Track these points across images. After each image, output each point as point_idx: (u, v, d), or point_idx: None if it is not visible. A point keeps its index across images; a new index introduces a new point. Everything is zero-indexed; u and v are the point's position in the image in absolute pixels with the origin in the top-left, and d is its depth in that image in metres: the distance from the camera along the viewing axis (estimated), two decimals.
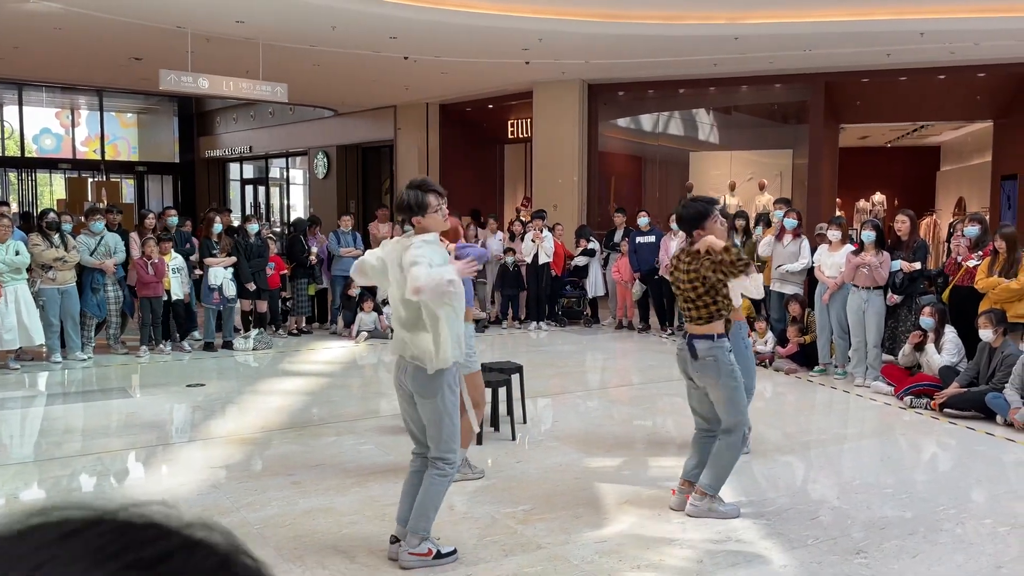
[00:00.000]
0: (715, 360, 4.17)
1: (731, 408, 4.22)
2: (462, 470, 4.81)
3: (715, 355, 4.16)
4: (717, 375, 4.18)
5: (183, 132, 24.88)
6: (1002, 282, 6.87)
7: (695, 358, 4.21)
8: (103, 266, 8.72)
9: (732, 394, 4.21)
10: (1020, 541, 4.10)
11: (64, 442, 5.74)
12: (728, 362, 4.19)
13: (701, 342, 4.20)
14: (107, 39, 11.29)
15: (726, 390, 4.20)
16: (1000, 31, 10.48)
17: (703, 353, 4.18)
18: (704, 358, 4.18)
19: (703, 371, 4.22)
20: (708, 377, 4.22)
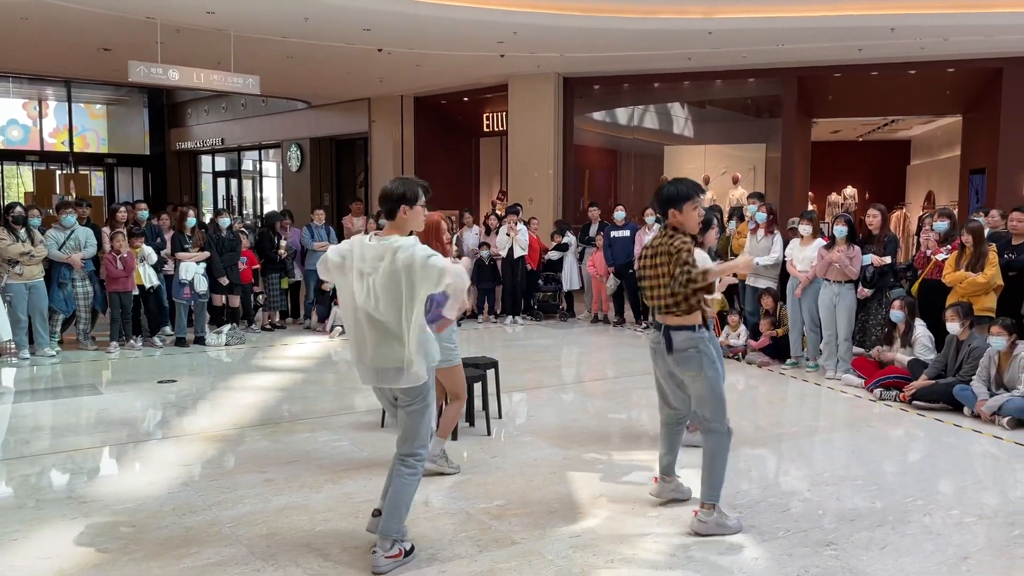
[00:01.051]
0: (697, 351, 4.00)
1: (713, 402, 4.05)
2: (438, 463, 4.88)
3: (696, 346, 4.00)
4: (700, 367, 4.01)
5: (153, 124, 24.56)
6: (969, 276, 6.97)
7: (670, 351, 4.05)
8: (70, 260, 8.60)
9: (715, 386, 4.05)
10: (986, 531, 4.17)
11: (32, 440, 5.66)
12: (710, 353, 4.03)
13: (679, 333, 4.02)
14: (75, 29, 11.11)
15: (709, 382, 4.03)
16: (969, 27, 10.64)
17: (682, 345, 4.02)
18: (684, 350, 4.02)
19: (684, 364, 4.05)
20: (690, 370, 4.06)
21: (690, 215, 4.10)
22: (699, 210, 4.17)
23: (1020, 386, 6.08)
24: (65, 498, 4.56)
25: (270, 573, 3.61)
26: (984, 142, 13.04)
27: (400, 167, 17.19)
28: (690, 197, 4.09)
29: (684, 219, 4.10)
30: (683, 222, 4.08)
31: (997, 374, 6.28)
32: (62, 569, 3.65)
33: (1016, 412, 5.98)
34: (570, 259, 11.48)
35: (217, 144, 22.99)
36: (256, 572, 3.62)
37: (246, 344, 9.44)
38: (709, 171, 15.25)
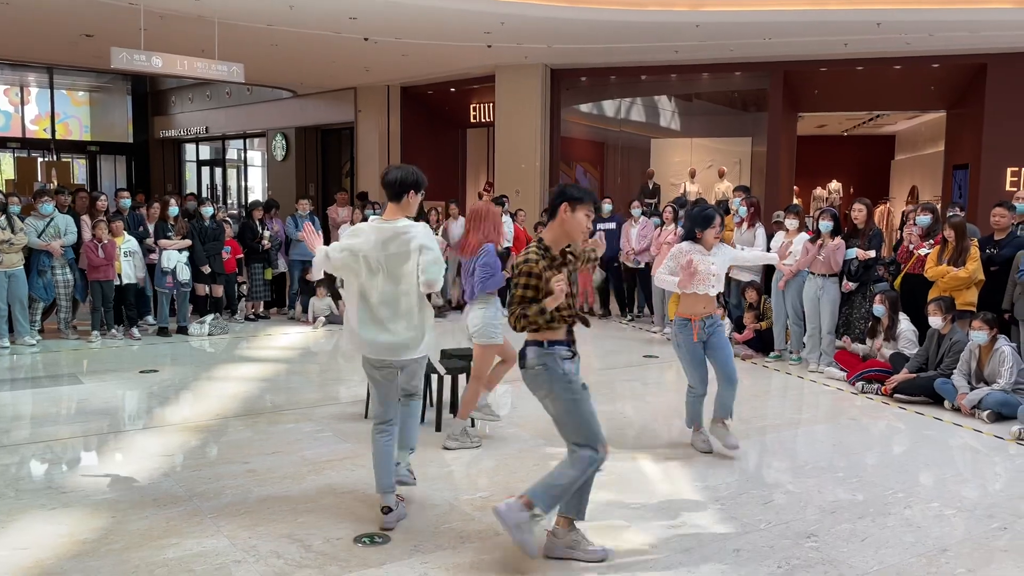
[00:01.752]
0: (545, 369, 3.60)
1: (571, 423, 3.63)
2: (459, 439, 5.26)
3: (544, 363, 3.61)
4: (549, 387, 3.62)
5: (137, 111, 24.33)
6: (951, 270, 7.02)
7: (523, 367, 3.68)
8: (49, 248, 8.51)
9: (571, 407, 3.62)
10: (966, 524, 4.21)
11: (12, 429, 5.60)
12: (562, 372, 3.60)
13: (530, 349, 3.65)
14: (57, 15, 10.97)
15: (562, 403, 3.62)
16: (954, 22, 10.69)
17: (530, 363, 3.63)
18: (531, 368, 3.63)
19: (531, 383, 3.68)
20: (538, 390, 3.68)
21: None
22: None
23: (1000, 380, 6.14)
24: (45, 488, 4.52)
25: (252, 564, 3.60)
26: (968, 138, 13.13)
27: (386, 157, 17.11)
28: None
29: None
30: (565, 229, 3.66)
31: (978, 368, 6.34)
32: (41, 560, 3.62)
33: (996, 406, 6.04)
34: None
35: (201, 133, 22.80)
36: (237, 563, 3.60)
37: (229, 334, 9.38)
38: (695, 164, 15.28)
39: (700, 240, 5.14)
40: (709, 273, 5.07)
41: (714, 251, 5.16)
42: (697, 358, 5.20)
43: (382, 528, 3.95)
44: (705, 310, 5.13)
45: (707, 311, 5.14)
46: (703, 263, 5.06)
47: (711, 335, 5.16)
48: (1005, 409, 6.01)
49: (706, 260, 5.09)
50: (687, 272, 4.95)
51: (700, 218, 5.17)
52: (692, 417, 5.38)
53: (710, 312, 5.16)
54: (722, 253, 5.23)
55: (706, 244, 5.14)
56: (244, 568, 3.56)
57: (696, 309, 5.11)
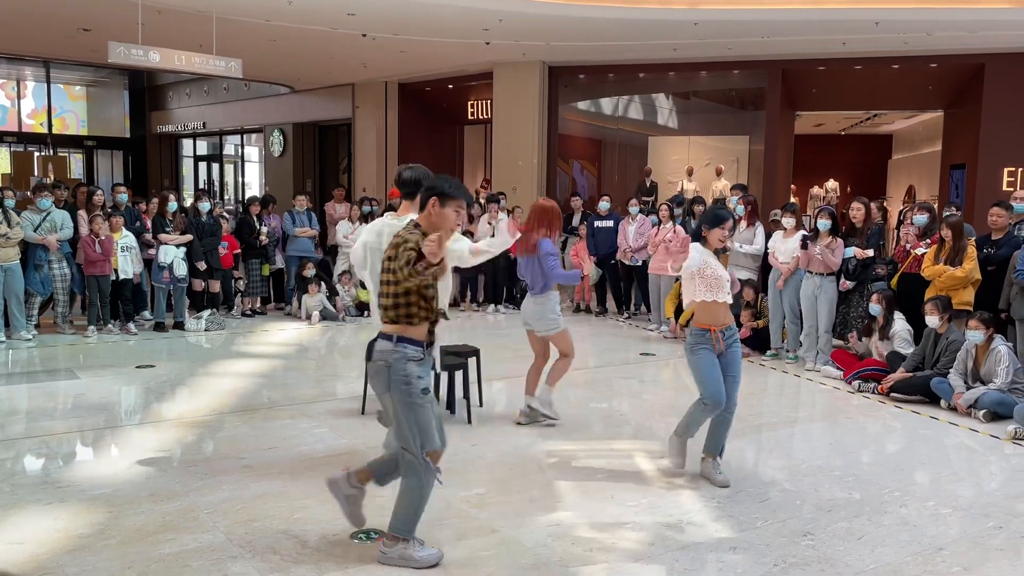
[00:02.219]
0: (387, 366, 3.43)
1: (403, 430, 3.47)
2: (548, 410, 5.72)
3: (387, 360, 3.43)
4: (385, 386, 3.46)
5: (134, 106, 24.27)
6: (947, 270, 7.03)
7: (368, 358, 3.52)
8: (46, 242, 8.48)
9: (406, 412, 3.45)
10: (961, 523, 4.22)
11: (7, 424, 5.59)
12: (403, 372, 3.41)
13: (380, 342, 3.48)
14: (54, 8, 10.94)
15: (397, 405, 3.46)
16: (952, 22, 10.70)
17: (376, 356, 3.47)
18: (376, 361, 3.46)
19: (373, 378, 3.51)
20: (376, 386, 3.51)
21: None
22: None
23: (996, 380, 6.15)
24: (40, 483, 4.51)
25: (248, 560, 3.59)
26: (965, 137, 13.14)
27: (384, 154, 17.10)
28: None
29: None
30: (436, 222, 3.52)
31: (974, 367, 6.35)
32: (37, 555, 3.61)
33: (992, 405, 6.05)
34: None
35: (199, 128, 22.76)
36: (234, 559, 3.60)
37: (226, 330, 9.37)
38: (693, 162, 15.29)
39: (705, 239, 4.75)
40: (723, 278, 4.68)
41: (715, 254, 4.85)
42: (713, 368, 4.63)
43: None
44: (724, 320, 4.68)
45: (727, 321, 4.70)
46: (718, 267, 4.69)
47: (728, 348, 4.70)
48: (1001, 408, 6.02)
49: (717, 265, 4.72)
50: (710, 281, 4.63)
51: (711, 215, 4.83)
52: (688, 427, 4.77)
53: (729, 323, 4.73)
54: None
55: (710, 244, 4.76)
56: (240, 564, 3.55)
57: (717, 319, 4.64)
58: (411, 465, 3.50)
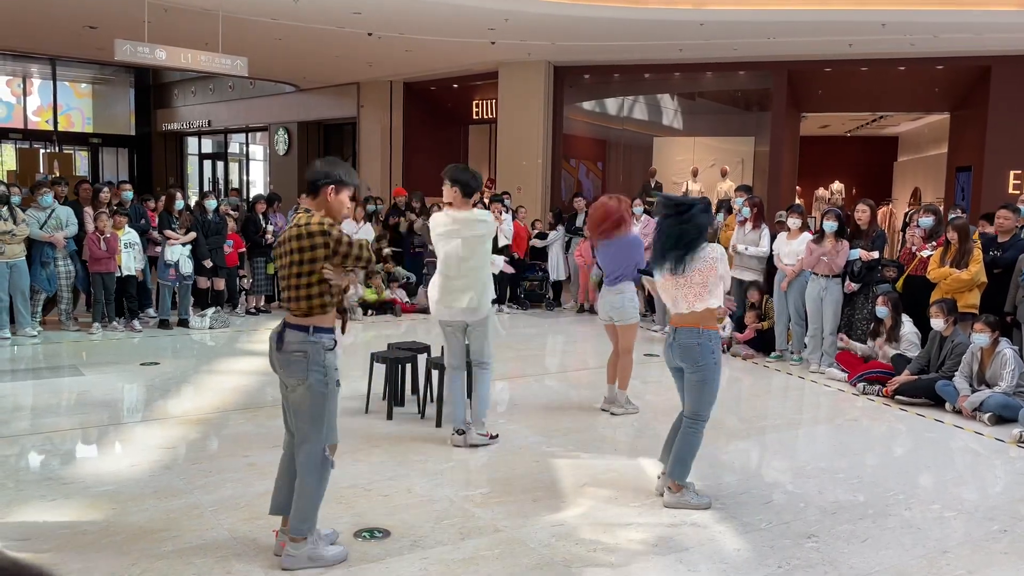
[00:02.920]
0: (304, 356, 3.41)
1: (310, 419, 3.43)
2: (627, 408, 6.06)
3: (305, 350, 3.41)
4: (304, 373, 3.41)
5: (139, 104, 24.33)
6: (953, 272, 7.01)
7: (279, 348, 3.46)
8: (52, 240, 8.50)
9: (318, 400, 3.42)
10: (965, 526, 4.21)
11: (12, 420, 5.60)
12: (322, 363, 3.42)
13: (292, 332, 3.45)
14: (61, 6, 10.97)
15: (310, 395, 3.41)
16: (959, 24, 10.67)
17: (290, 346, 3.43)
18: (290, 352, 3.43)
19: (287, 368, 3.45)
20: (291, 376, 3.45)
21: (335, 202, 3.64)
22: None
23: (1002, 383, 6.13)
24: (45, 479, 4.51)
25: (251, 557, 3.59)
26: (971, 140, 13.11)
27: (388, 153, 17.11)
28: (347, 184, 3.67)
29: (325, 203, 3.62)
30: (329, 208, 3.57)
31: (979, 370, 6.33)
32: (41, 551, 3.61)
33: (997, 408, 6.03)
34: (557, 249, 11.47)
35: (204, 126, 22.79)
36: (237, 556, 3.60)
37: (230, 327, 9.38)
38: (697, 163, 15.26)
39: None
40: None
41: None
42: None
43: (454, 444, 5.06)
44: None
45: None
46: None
47: None
48: (1006, 412, 6.00)
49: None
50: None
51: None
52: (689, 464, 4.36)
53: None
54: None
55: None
56: (244, 562, 3.56)
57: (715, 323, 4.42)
58: (308, 462, 3.46)
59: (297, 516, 3.49)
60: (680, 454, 4.33)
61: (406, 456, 5.00)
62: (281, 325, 3.52)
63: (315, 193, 3.59)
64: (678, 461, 4.32)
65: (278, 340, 3.48)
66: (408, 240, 11.66)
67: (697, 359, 4.24)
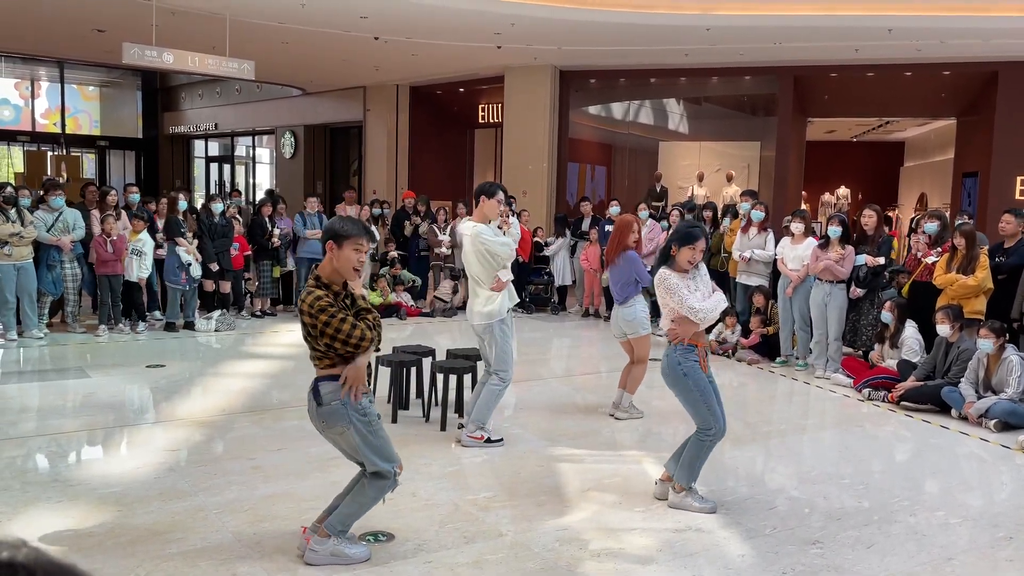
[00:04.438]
0: (343, 404, 3.51)
1: (372, 453, 3.56)
2: (631, 412, 6.14)
3: (340, 399, 3.52)
4: (348, 421, 3.52)
5: (147, 107, 24.41)
6: (959, 278, 6.99)
7: (319, 404, 3.54)
8: (59, 243, 8.53)
9: (371, 439, 3.55)
10: (970, 533, 4.20)
11: (19, 421, 5.62)
12: (360, 406, 3.54)
13: (325, 384, 3.54)
14: (69, 9, 11.02)
15: (359, 436, 3.53)
16: (965, 30, 10.65)
17: (327, 398, 3.52)
18: (329, 403, 3.52)
19: (329, 419, 3.55)
20: (335, 425, 3.56)
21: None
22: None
23: (1008, 389, 6.11)
24: (51, 481, 4.53)
25: (256, 560, 3.60)
26: (977, 145, 13.08)
27: (394, 156, 17.14)
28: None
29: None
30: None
31: (985, 377, 6.31)
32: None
33: (1003, 415, 6.01)
34: (563, 253, 11.47)
35: (211, 129, 22.86)
36: (242, 559, 3.61)
37: (236, 330, 9.40)
38: (703, 168, 15.26)
39: (673, 258, 4.30)
40: (706, 293, 4.36)
41: (692, 274, 4.34)
42: (709, 391, 4.28)
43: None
44: (704, 338, 4.42)
45: (706, 340, 4.46)
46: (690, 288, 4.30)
47: (709, 367, 4.39)
48: (1012, 418, 5.99)
49: (692, 286, 4.31)
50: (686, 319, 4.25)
51: (683, 234, 4.30)
52: (695, 473, 4.36)
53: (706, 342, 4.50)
54: (702, 274, 4.43)
55: (679, 265, 4.29)
56: (248, 564, 3.56)
57: (699, 336, 4.32)
58: (377, 483, 3.61)
59: (339, 517, 3.61)
60: (686, 460, 4.36)
61: (410, 460, 5.00)
62: (314, 383, 3.59)
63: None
64: (683, 466, 4.36)
65: (315, 395, 3.56)
66: (414, 244, 11.68)
67: (666, 376, 4.36)
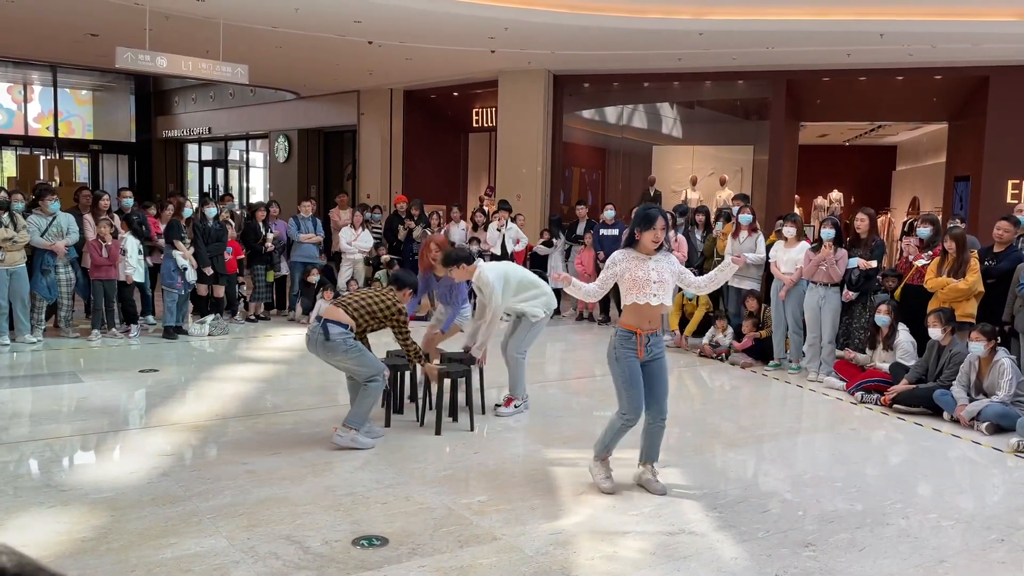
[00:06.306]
0: (343, 340, 5.16)
1: (365, 368, 5.25)
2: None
3: (345, 339, 5.17)
4: (345, 351, 5.18)
5: (140, 111, 24.38)
6: (951, 282, 7.02)
7: (327, 339, 5.15)
8: (54, 248, 8.51)
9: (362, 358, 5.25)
10: (963, 535, 4.22)
11: (11, 427, 5.60)
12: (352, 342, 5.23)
13: (334, 327, 5.18)
14: (62, 13, 11.00)
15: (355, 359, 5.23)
16: (956, 34, 10.71)
17: (335, 337, 5.16)
18: (335, 340, 5.15)
19: (331, 350, 5.19)
20: (336, 353, 5.20)
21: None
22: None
23: (999, 392, 6.14)
24: (43, 486, 4.52)
25: (250, 565, 3.60)
26: (969, 149, 13.14)
27: (388, 160, 17.14)
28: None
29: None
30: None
31: (977, 380, 6.34)
32: (39, 558, 3.60)
33: (995, 418, 6.04)
34: (557, 257, 11.49)
35: (204, 133, 22.83)
36: (236, 564, 3.60)
37: (229, 335, 9.38)
38: (696, 172, 15.30)
39: (638, 242, 4.51)
40: (649, 280, 4.46)
41: (657, 257, 4.53)
42: (636, 378, 4.54)
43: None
44: (650, 325, 4.53)
45: (652, 327, 4.55)
46: (641, 269, 4.48)
47: (654, 358, 4.58)
48: (1004, 421, 6.02)
49: (645, 267, 4.48)
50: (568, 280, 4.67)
51: (642, 217, 4.53)
52: (607, 445, 4.71)
53: (655, 328, 4.58)
54: (668, 262, 4.58)
55: (643, 248, 4.50)
56: (242, 569, 3.56)
57: (641, 322, 4.50)
58: (373, 386, 5.26)
59: (355, 415, 5.25)
60: (602, 432, 4.78)
61: (404, 464, 5.01)
62: (324, 322, 5.21)
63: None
64: (599, 440, 4.78)
65: (324, 331, 5.16)
66: (407, 248, 11.68)
67: (607, 358, 4.69)
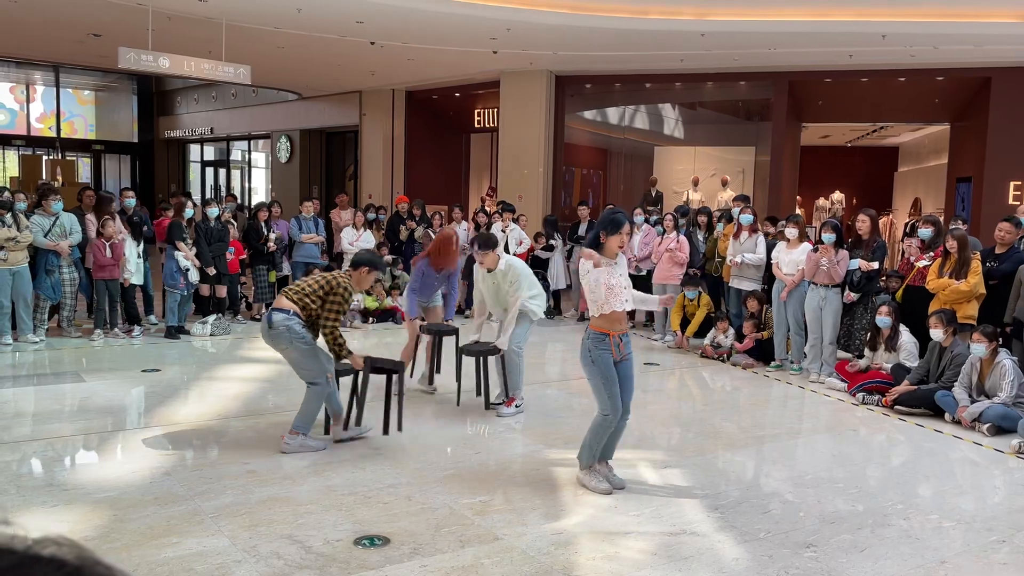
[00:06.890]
0: (287, 329, 5.04)
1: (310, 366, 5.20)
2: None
3: (288, 326, 5.05)
4: (289, 342, 5.07)
5: (142, 111, 24.41)
6: (952, 283, 7.03)
7: (270, 327, 5.08)
8: (57, 248, 8.52)
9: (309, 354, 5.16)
10: (964, 536, 4.22)
11: (13, 426, 5.61)
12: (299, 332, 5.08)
13: (277, 314, 5.10)
14: (65, 14, 11.02)
15: (301, 353, 5.12)
16: (958, 35, 10.72)
17: (277, 324, 5.06)
18: (277, 327, 5.05)
19: (275, 338, 5.09)
20: (281, 342, 5.09)
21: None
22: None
23: (1001, 393, 6.14)
24: (46, 485, 4.53)
25: (252, 564, 3.60)
26: (971, 150, 13.14)
27: (390, 161, 17.16)
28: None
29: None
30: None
31: (978, 381, 6.34)
32: None
33: (996, 419, 6.04)
34: (558, 258, 11.49)
35: (206, 133, 22.86)
36: (238, 563, 3.61)
37: (231, 335, 9.39)
38: (698, 173, 15.30)
39: (603, 245, 4.54)
40: (620, 286, 4.55)
41: (619, 262, 4.62)
42: (615, 377, 4.60)
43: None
44: (621, 327, 4.61)
45: (622, 328, 4.63)
46: (613, 276, 4.53)
47: (624, 358, 4.66)
48: (1005, 422, 6.02)
49: (615, 272, 4.56)
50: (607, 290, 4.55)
51: (608, 221, 4.56)
52: (595, 452, 4.70)
53: (625, 330, 4.66)
54: (623, 266, 4.68)
55: (608, 251, 4.56)
56: (244, 568, 3.57)
57: (613, 325, 4.57)
58: (316, 390, 5.21)
59: (300, 419, 5.19)
60: (587, 439, 4.72)
61: (405, 464, 5.02)
62: (270, 311, 5.15)
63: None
64: (584, 445, 4.72)
65: (268, 320, 5.11)
66: (409, 248, 11.68)
67: (581, 360, 4.68)
